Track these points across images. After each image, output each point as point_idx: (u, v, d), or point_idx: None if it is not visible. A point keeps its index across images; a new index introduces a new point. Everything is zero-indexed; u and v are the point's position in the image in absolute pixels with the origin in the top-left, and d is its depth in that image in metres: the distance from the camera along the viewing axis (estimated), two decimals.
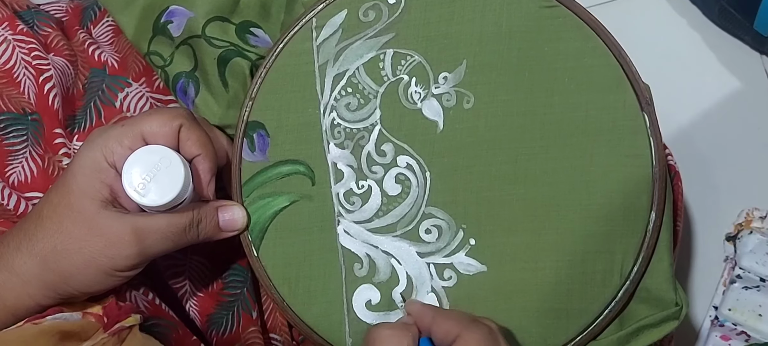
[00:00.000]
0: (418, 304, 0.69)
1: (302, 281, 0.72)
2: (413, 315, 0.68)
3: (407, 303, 0.70)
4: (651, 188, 0.70)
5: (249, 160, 0.73)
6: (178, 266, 0.77)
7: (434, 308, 0.69)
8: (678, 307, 0.70)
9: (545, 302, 0.71)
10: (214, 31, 0.76)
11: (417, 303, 0.69)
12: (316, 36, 0.72)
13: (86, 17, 0.86)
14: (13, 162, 0.77)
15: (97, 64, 0.81)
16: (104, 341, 0.63)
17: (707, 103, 1.14)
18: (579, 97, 0.70)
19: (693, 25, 1.16)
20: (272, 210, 0.72)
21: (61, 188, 0.65)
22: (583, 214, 0.70)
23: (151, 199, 0.64)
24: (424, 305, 0.70)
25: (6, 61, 0.77)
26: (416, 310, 0.68)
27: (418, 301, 0.71)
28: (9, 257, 0.65)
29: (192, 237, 0.68)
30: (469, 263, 0.71)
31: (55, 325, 0.63)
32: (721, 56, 1.15)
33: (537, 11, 0.70)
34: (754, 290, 1.02)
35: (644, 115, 0.69)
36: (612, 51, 0.70)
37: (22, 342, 0.62)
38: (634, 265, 0.70)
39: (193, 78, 0.76)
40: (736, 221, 1.09)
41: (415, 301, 0.70)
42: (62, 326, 0.63)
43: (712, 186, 1.11)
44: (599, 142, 0.70)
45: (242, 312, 0.78)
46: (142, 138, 0.66)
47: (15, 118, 0.77)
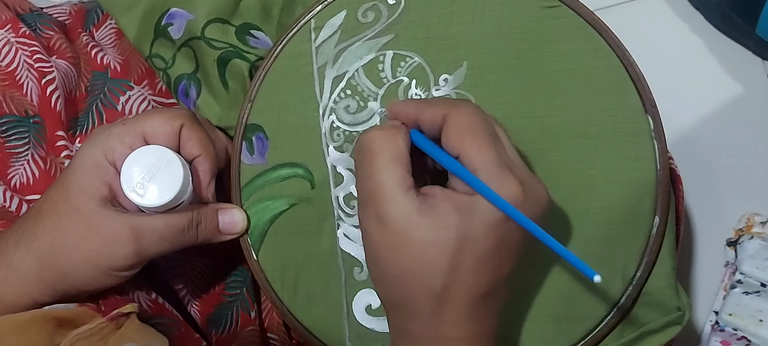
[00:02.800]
0: (398, 103, 0.66)
1: (302, 284, 0.72)
2: (397, 114, 0.65)
3: (388, 105, 0.66)
4: (654, 191, 0.69)
5: (248, 163, 0.72)
6: (179, 268, 0.77)
7: (416, 100, 0.67)
8: (680, 312, 0.70)
9: (546, 307, 0.71)
10: (214, 33, 0.76)
11: (397, 102, 0.66)
12: (315, 37, 0.72)
13: (89, 20, 0.86)
14: (15, 164, 0.77)
15: (100, 67, 0.82)
16: (102, 325, 0.63)
17: (709, 108, 1.13)
18: (581, 99, 0.69)
19: (695, 30, 1.16)
20: (271, 213, 0.72)
21: (61, 186, 0.66)
22: (584, 218, 0.70)
23: (149, 199, 0.64)
24: (404, 101, 0.68)
25: (9, 64, 0.78)
26: (398, 108, 0.65)
27: (398, 100, 0.69)
28: (7, 253, 0.65)
29: (191, 238, 0.67)
30: None
31: (50, 312, 0.63)
32: (724, 61, 1.15)
33: (538, 11, 0.70)
34: (754, 295, 1.01)
35: (648, 118, 0.69)
36: (615, 52, 0.69)
37: (15, 327, 0.62)
38: (636, 270, 0.70)
39: (195, 80, 0.76)
40: (737, 225, 1.09)
41: (395, 101, 0.67)
42: (57, 313, 0.63)
43: (713, 191, 1.11)
44: (601, 145, 0.69)
45: (241, 312, 0.78)
46: (143, 137, 0.66)
47: (17, 120, 0.78)
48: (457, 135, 0.59)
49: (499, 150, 0.59)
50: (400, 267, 0.59)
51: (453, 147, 0.59)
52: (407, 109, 0.64)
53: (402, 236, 0.58)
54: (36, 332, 0.62)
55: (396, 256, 0.59)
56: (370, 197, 0.60)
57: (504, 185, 0.57)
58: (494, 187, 0.57)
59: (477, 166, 0.58)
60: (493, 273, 0.59)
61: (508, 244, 0.59)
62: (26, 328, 0.62)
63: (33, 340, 0.61)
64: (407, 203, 0.58)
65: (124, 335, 0.63)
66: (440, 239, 0.58)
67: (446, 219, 0.58)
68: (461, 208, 0.58)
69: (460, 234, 0.57)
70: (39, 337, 0.62)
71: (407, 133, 0.62)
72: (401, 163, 0.60)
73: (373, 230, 0.60)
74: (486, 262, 0.58)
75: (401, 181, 0.59)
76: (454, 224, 0.58)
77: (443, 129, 0.60)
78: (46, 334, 0.62)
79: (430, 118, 0.61)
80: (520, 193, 0.57)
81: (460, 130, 0.59)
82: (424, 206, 0.58)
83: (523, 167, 0.60)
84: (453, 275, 0.58)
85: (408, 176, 0.60)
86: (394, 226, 0.59)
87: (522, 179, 0.58)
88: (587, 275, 0.54)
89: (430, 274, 0.58)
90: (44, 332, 0.62)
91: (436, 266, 0.58)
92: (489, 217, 0.57)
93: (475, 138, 0.59)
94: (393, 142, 0.60)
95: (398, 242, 0.59)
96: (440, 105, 0.61)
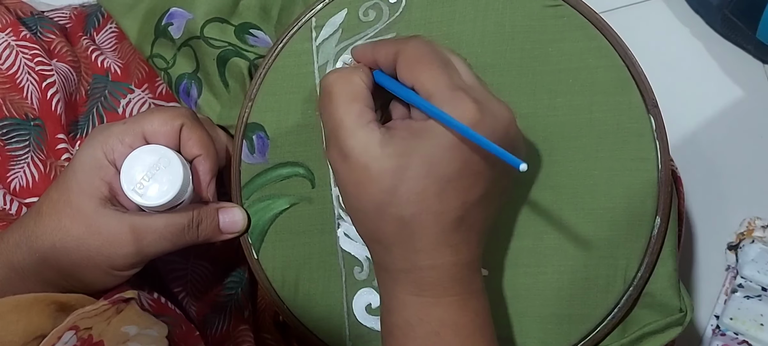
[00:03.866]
0: (358, 46, 0.68)
1: (302, 284, 0.72)
2: (358, 57, 0.67)
3: (351, 49, 0.69)
4: (656, 192, 0.69)
5: (248, 162, 0.72)
6: (179, 271, 0.77)
7: (372, 42, 0.68)
8: (682, 313, 0.70)
9: (547, 307, 0.71)
10: (213, 32, 0.75)
11: (357, 46, 0.68)
12: (316, 36, 0.71)
13: (89, 24, 0.86)
14: (15, 167, 0.77)
15: (100, 71, 0.82)
16: (105, 307, 0.63)
17: (710, 111, 1.13)
18: (583, 98, 0.69)
19: (696, 34, 1.16)
20: (272, 212, 0.72)
21: (61, 185, 0.65)
22: (586, 218, 0.70)
23: (150, 199, 0.64)
24: (363, 44, 0.69)
25: (9, 67, 0.78)
26: (357, 51, 0.67)
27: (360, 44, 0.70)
28: (8, 253, 0.65)
29: (191, 238, 0.67)
30: None
31: (52, 295, 0.63)
32: (724, 65, 1.15)
33: (540, 10, 0.69)
34: (755, 300, 1.01)
35: (650, 118, 0.68)
36: (617, 51, 0.68)
37: (16, 306, 0.62)
38: (637, 270, 0.69)
39: (196, 79, 0.75)
40: (738, 230, 1.09)
41: (356, 45, 0.70)
42: (58, 298, 0.63)
43: (713, 195, 1.11)
44: (604, 144, 0.69)
45: (234, 311, 0.78)
46: (144, 137, 0.66)
47: (17, 123, 0.77)
48: (408, 67, 0.61)
49: (452, 75, 0.60)
50: (366, 200, 0.60)
51: (407, 78, 0.61)
52: (365, 51, 0.66)
53: (364, 168, 0.59)
54: (36, 313, 0.62)
55: (361, 190, 0.60)
56: (331, 135, 0.62)
57: (456, 106, 0.58)
58: (447, 109, 0.57)
59: (429, 91, 0.59)
60: (462, 197, 0.59)
61: (472, 165, 0.59)
62: (27, 308, 0.62)
63: (33, 319, 0.62)
64: (367, 135, 0.60)
65: (127, 318, 0.63)
66: (400, 166, 0.59)
67: (404, 146, 0.59)
68: (418, 133, 0.59)
69: (420, 159, 0.58)
70: (39, 318, 0.62)
71: (367, 73, 0.64)
72: (359, 100, 0.61)
73: (338, 167, 0.61)
74: (451, 185, 0.59)
75: (358, 116, 0.61)
76: (413, 150, 0.59)
77: (397, 65, 0.62)
78: (46, 316, 0.62)
79: (384, 56, 0.63)
80: (475, 112, 0.57)
81: (411, 61, 0.61)
82: (385, 137, 0.60)
83: (481, 89, 0.61)
84: (418, 202, 0.59)
85: (367, 110, 0.61)
86: (356, 160, 0.60)
87: (478, 99, 0.58)
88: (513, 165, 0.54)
89: (395, 203, 0.59)
90: (45, 314, 0.62)
91: (398, 195, 0.59)
92: (445, 139, 0.58)
93: (425, 66, 0.60)
94: (349, 82, 0.62)
95: (361, 175, 0.60)
96: (392, 43, 0.63)
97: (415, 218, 0.59)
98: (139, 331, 0.63)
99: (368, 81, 0.63)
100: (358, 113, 0.61)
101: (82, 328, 0.61)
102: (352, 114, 0.61)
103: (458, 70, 0.62)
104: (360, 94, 0.62)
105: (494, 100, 0.61)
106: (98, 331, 0.61)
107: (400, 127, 0.61)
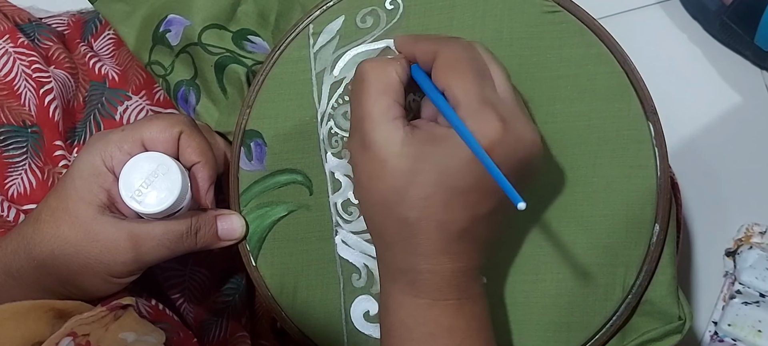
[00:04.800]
0: (401, 36, 0.68)
1: (300, 291, 0.72)
2: (399, 47, 0.67)
3: (395, 38, 0.68)
4: (655, 199, 0.69)
5: (246, 169, 0.72)
6: (177, 278, 0.77)
7: (416, 36, 0.67)
8: (681, 321, 0.70)
9: (545, 315, 0.70)
10: (211, 38, 0.75)
11: (401, 36, 0.68)
12: (313, 43, 0.71)
13: (87, 31, 0.86)
14: (12, 174, 0.77)
15: (98, 77, 0.81)
16: (102, 313, 0.63)
17: (707, 117, 1.13)
18: (582, 105, 0.69)
19: (694, 40, 1.16)
20: (270, 220, 0.72)
21: (60, 192, 0.65)
22: (585, 226, 0.70)
23: (148, 206, 0.64)
24: (407, 36, 0.68)
25: (6, 74, 0.78)
26: (399, 41, 0.67)
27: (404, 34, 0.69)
28: (6, 260, 0.65)
29: (189, 245, 0.67)
30: None
31: (49, 302, 0.63)
32: (722, 71, 1.15)
33: (539, 16, 0.69)
34: (753, 306, 1.01)
35: (649, 125, 0.68)
36: (616, 58, 0.68)
37: (14, 314, 0.62)
38: (636, 278, 0.69)
39: (194, 86, 0.75)
40: (736, 236, 1.09)
41: (400, 35, 0.69)
42: (56, 305, 0.63)
43: (711, 201, 1.11)
44: (602, 152, 0.69)
45: (232, 318, 0.78)
46: (142, 144, 0.65)
47: (15, 130, 0.77)
48: (443, 70, 0.60)
49: (484, 87, 0.60)
50: (377, 195, 0.61)
51: (439, 82, 0.61)
52: (406, 43, 0.66)
53: (381, 163, 0.60)
54: (34, 320, 0.62)
55: (374, 183, 0.60)
56: (358, 123, 0.62)
57: (480, 120, 0.58)
58: (471, 122, 0.57)
59: (459, 101, 0.59)
60: (469, 211, 0.60)
61: (484, 183, 0.59)
62: (25, 315, 0.62)
63: (31, 326, 0.61)
64: (391, 131, 0.60)
65: (124, 324, 0.63)
66: (414, 168, 0.59)
67: (422, 150, 0.59)
68: (438, 140, 0.59)
69: (434, 166, 0.58)
70: (37, 325, 0.62)
71: (403, 66, 0.63)
72: (390, 93, 0.61)
73: (357, 155, 0.62)
74: (460, 198, 0.59)
75: (387, 109, 0.60)
76: (428, 155, 0.59)
77: (433, 64, 0.61)
78: (44, 323, 0.62)
79: (422, 52, 0.63)
80: (498, 129, 0.57)
81: (447, 65, 0.60)
82: (407, 136, 0.60)
83: (512, 106, 0.61)
84: (423, 207, 0.59)
85: (396, 106, 0.61)
86: (375, 153, 0.60)
87: (504, 117, 0.58)
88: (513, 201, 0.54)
89: (402, 203, 0.59)
90: (43, 321, 0.62)
91: (407, 196, 0.59)
92: (463, 152, 0.58)
93: (459, 73, 0.60)
94: (383, 73, 0.62)
95: (377, 169, 0.60)
96: (433, 40, 0.63)
97: (419, 222, 0.59)
98: (137, 337, 0.63)
99: (403, 75, 0.62)
100: (386, 106, 0.60)
101: (79, 334, 0.61)
102: (380, 106, 0.60)
103: (494, 82, 0.61)
104: (392, 87, 0.61)
105: (523, 120, 0.60)
106: (96, 337, 0.61)
107: (424, 129, 0.61)
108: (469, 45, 0.62)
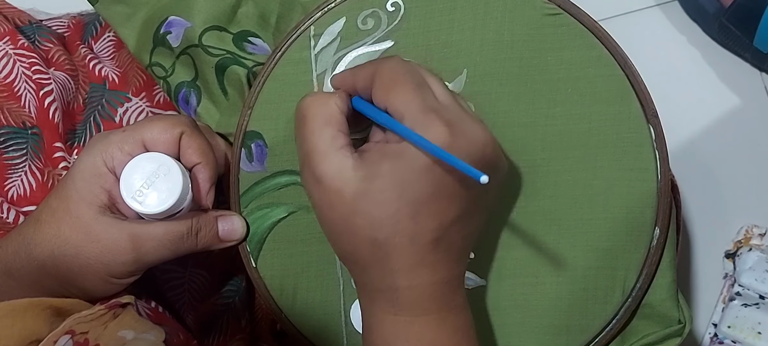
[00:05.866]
0: (338, 74, 0.69)
1: (300, 292, 0.72)
2: (337, 83, 0.67)
3: (331, 78, 0.69)
4: (655, 202, 0.69)
5: (247, 170, 0.72)
6: (177, 279, 0.77)
7: (352, 69, 0.68)
8: (681, 325, 0.70)
9: (545, 319, 0.71)
10: (211, 40, 0.75)
11: (337, 73, 0.69)
12: (314, 45, 0.71)
13: (87, 33, 0.86)
14: (12, 175, 0.77)
15: (98, 79, 0.81)
16: (101, 312, 0.63)
17: (707, 119, 1.13)
18: (582, 108, 0.69)
19: (693, 42, 1.16)
20: (270, 221, 0.72)
21: (61, 193, 0.65)
22: (585, 229, 0.70)
23: (149, 206, 0.64)
24: (343, 71, 0.69)
25: (7, 75, 0.78)
26: (337, 79, 0.68)
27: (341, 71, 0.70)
28: (7, 261, 0.65)
29: (190, 246, 0.67)
30: (468, 277, 0.70)
31: (47, 300, 0.63)
32: (721, 73, 1.15)
33: (540, 19, 0.69)
34: (753, 308, 1.01)
35: (650, 127, 0.68)
36: (617, 60, 0.68)
37: (11, 312, 0.62)
38: (636, 281, 0.69)
39: (195, 87, 0.75)
40: (736, 237, 1.09)
41: (336, 73, 0.70)
42: (54, 303, 0.64)
43: (711, 203, 1.11)
44: (603, 154, 0.69)
45: (232, 320, 0.78)
46: (143, 145, 0.65)
47: (15, 132, 0.77)
48: (382, 89, 0.61)
49: (425, 96, 0.60)
50: (340, 223, 0.61)
51: (380, 101, 0.61)
52: (344, 77, 0.66)
53: (336, 192, 0.60)
54: (32, 318, 0.62)
55: (334, 213, 0.61)
56: (305, 159, 0.62)
57: (427, 127, 0.58)
58: (418, 131, 0.58)
59: (402, 113, 0.59)
60: (437, 219, 0.60)
61: (446, 187, 0.59)
62: (22, 313, 0.62)
63: (28, 324, 0.62)
64: (339, 160, 0.60)
65: (123, 322, 0.64)
66: (373, 189, 0.59)
67: (377, 169, 0.59)
68: (390, 155, 0.59)
69: (392, 182, 0.59)
70: (35, 322, 0.62)
71: (343, 98, 0.64)
72: (332, 125, 0.62)
73: (311, 190, 0.62)
74: (425, 207, 0.59)
75: (332, 140, 0.61)
76: (385, 172, 0.59)
77: (372, 88, 0.62)
78: (42, 321, 0.62)
79: (362, 80, 0.63)
80: (445, 133, 0.57)
81: (384, 83, 0.61)
82: (357, 161, 0.60)
83: (456, 110, 0.61)
84: (391, 224, 0.59)
85: (340, 135, 0.61)
86: (328, 183, 0.60)
87: (450, 121, 0.58)
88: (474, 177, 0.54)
89: (368, 225, 0.59)
90: (40, 319, 0.62)
91: (372, 217, 0.59)
92: (418, 161, 0.58)
93: (398, 88, 0.60)
94: (324, 106, 0.62)
95: (334, 198, 0.60)
96: (369, 66, 0.64)
97: (390, 240, 0.59)
98: (136, 335, 0.63)
99: (344, 106, 0.63)
100: (331, 137, 0.61)
101: (78, 332, 0.61)
102: (325, 138, 0.61)
103: (433, 91, 0.62)
104: (333, 118, 0.62)
105: (470, 120, 0.61)
106: (94, 335, 0.61)
107: (374, 150, 0.61)
108: (402, 61, 0.63)
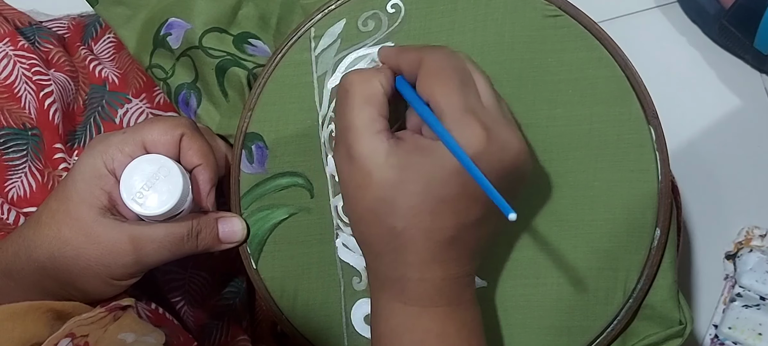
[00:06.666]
0: (386, 48, 0.68)
1: (301, 294, 0.72)
2: (383, 59, 0.67)
3: (379, 50, 0.68)
4: (656, 203, 0.69)
5: (247, 172, 0.72)
6: (178, 281, 0.77)
7: (400, 47, 0.67)
8: (682, 326, 0.70)
9: (546, 319, 0.70)
10: (211, 42, 0.75)
11: (385, 48, 0.68)
12: (315, 46, 0.71)
13: (88, 34, 0.86)
14: (12, 177, 0.77)
15: (98, 80, 0.81)
16: (101, 315, 0.63)
17: (707, 121, 1.13)
18: (583, 109, 0.69)
19: (693, 44, 1.16)
20: (271, 222, 0.71)
21: (61, 194, 0.65)
22: (586, 230, 0.69)
23: (149, 208, 0.63)
24: (392, 47, 0.68)
25: (7, 77, 0.78)
26: (384, 52, 0.67)
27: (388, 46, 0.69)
28: (7, 263, 0.65)
29: (190, 247, 0.67)
30: None
31: (48, 303, 0.63)
32: (722, 74, 1.15)
33: (540, 20, 0.69)
34: (754, 309, 1.01)
35: (650, 129, 0.68)
36: (618, 62, 0.68)
37: (12, 315, 0.62)
38: (637, 282, 0.69)
39: (195, 89, 0.75)
40: (736, 239, 1.09)
41: (384, 46, 0.69)
42: (54, 305, 0.63)
43: (712, 204, 1.11)
44: (603, 155, 0.69)
45: (232, 321, 0.78)
46: (143, 146, 0.65)
47: (15, 133, 0.77)
48: (427, 80, 0.60)
49: (468, 95, 0.60)
50: (363, 206, 0.61)
51: (423, 91, 0.60)
52: (390, 54, 0.66)
53: (366, 174, 0.60)
54: (32, 321, 0.62)
55: (360, 194, 0.61)
56: (342, 134, 0.62)
57: (464, 130, 0.58)
58: (455, 132, 0.57)
59: (442, 110, 0.59)
60: (457, 218, 0.60)
61: (470, 191, 0.59)
62: (23, 316, 0.62)
63: (29, 327, 0.61)
64: (375, 143, 0.60)
65: (124, 325, 0.63)
66: (400, 179, 0.59)
67: (407, 160, 0.59)
68: (423, 150, 0.59)
69: (420, 175, 0.59)
70: (35, 325, 0.62)
71: (388, 77, 0.63)
72: (373, 105, 0.61)
73: (342, 167, 0.62)
74: (447, 207, 0.59)
75: (371, 121, 0.61)
76: (413, 165, 0.59)
77: (418, 74, 0.61)
78: (42, 324, 0.62)
79: (407, 62, 0.63)
80: (482, 139, 0.57)
81: (430, 75, 0.60)
82: (392, 148, 0.60)
83: (496, 114, 0.61)
84: (411, 217, 0.59)
85: (379, 117, 0.61)
86: (360, 164, 0.60)
87: (488, 126, 0.58)
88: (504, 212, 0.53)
89: (389, 213, 0.60)
90: (41, 322, 0.62)
91: (394, 206, 0.59)
92: (448, 162, 0.58)
93: (442, 83, 0.60)
94: (368, 84, 0.62)
95: (363, 180, 0.60)
96: (417, 50, 0.63)
97: (407, 231, 0.60)
98: (137, 338, 0.62)
99: (387, 86, 0.63)
100: (369, 118, 0.61)
101: (78, 335, 0.61)
102: (363, 118, 0.61)
103: (478, 90, 0.61)
104: (375, 98, 0.62)
105: (507, 127, 0.60)
106: (95, 338, 0.61)
107: (409, 140, 0.61)
108: (452, 53, 0.62)
